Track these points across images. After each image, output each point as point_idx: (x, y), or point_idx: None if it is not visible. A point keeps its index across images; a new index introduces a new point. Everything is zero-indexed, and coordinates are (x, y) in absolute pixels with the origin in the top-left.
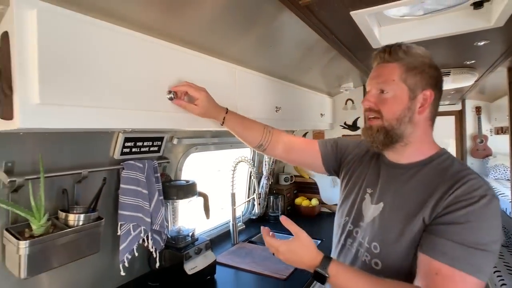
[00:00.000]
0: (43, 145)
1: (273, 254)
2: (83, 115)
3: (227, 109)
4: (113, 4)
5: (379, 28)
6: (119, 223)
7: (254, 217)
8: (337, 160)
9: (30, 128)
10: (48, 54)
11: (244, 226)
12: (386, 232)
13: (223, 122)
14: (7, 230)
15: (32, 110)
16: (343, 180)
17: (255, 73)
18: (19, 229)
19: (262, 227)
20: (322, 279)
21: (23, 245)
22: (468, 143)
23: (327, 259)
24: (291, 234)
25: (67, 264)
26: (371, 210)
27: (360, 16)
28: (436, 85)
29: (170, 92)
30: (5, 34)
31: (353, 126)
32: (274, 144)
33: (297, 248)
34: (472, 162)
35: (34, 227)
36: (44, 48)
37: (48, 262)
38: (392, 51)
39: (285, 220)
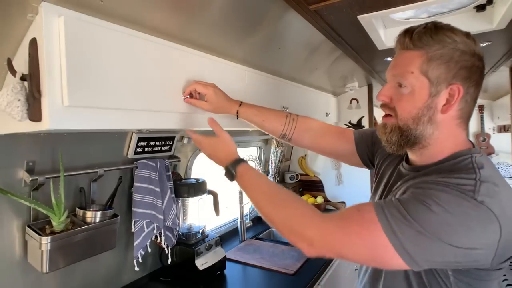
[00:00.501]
0: (61, 145)
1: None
2: (105, 117)
3: (241, 102)
4: (132, 11)
5: (385, 30)
6: (133, 220)
7: None
8: (372, 151)
9: (57, 130)
10: (75, 58)
11: (251, 224)
12: None
13: (237, 116)
14: (29, 226)
15: (60, 112)
16: (374, 173)
17: (264, 74)
18: (39, 226)
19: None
20: (230, 176)
21: (45, 240)
22: None
23: (240, 160)
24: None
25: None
26: None
27: (367, 20)
28: (470, 78)
29: (186, 97)
30: (34, 40)
31: (358, 125)
32: (300, 133)
33: (217, 144)
34: None
35: (54, 223)
36: (71, 53)
37: (68, 257)
38: (414, 35)
39: (211, 121)
